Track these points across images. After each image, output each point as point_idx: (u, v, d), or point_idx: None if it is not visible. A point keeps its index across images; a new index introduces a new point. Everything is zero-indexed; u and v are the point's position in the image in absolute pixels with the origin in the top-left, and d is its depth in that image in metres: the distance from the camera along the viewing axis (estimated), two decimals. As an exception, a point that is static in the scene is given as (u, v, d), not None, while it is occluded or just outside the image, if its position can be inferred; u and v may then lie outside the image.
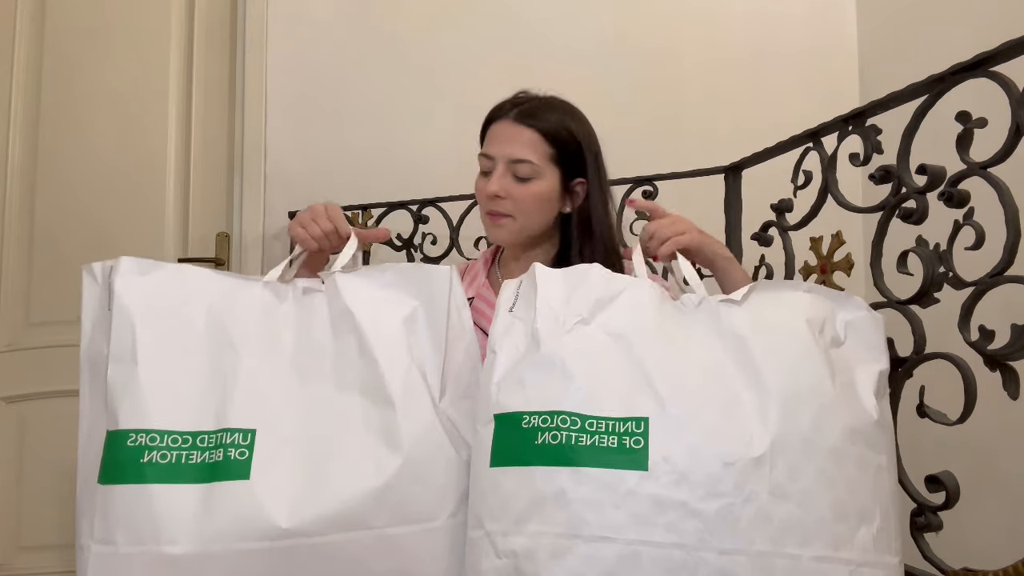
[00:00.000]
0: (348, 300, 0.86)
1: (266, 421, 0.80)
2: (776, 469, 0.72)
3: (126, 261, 0.85)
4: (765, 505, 0.71)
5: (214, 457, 0.78)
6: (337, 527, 0.77)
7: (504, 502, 0.75)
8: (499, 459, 0.77)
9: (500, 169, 1.09)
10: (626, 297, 0.84)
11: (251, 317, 0.86)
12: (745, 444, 0.73)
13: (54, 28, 2.12)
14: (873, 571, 0.74)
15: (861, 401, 0.80)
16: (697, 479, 0.71)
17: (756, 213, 1.48)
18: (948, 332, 0.97)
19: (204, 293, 0.86)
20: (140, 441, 0.77)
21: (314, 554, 0.76)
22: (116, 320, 0.82)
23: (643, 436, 0.74)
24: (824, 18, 2.30)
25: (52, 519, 1.94)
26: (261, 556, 0.75)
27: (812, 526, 0.72)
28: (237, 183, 2.09)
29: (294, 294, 0.90)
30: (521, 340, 0.82)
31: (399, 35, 2.17)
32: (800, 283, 0.91)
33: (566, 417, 0.75)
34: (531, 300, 0.84)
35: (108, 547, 0.74)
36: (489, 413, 0.80)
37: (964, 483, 0.98)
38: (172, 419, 0.79)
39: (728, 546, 0.70)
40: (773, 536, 0.71)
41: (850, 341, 0.85)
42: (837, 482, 0.74)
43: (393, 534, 0.78)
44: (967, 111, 0.97)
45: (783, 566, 0.70)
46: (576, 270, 0.87)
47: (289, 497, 0.76)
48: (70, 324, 2.03)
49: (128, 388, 0.79)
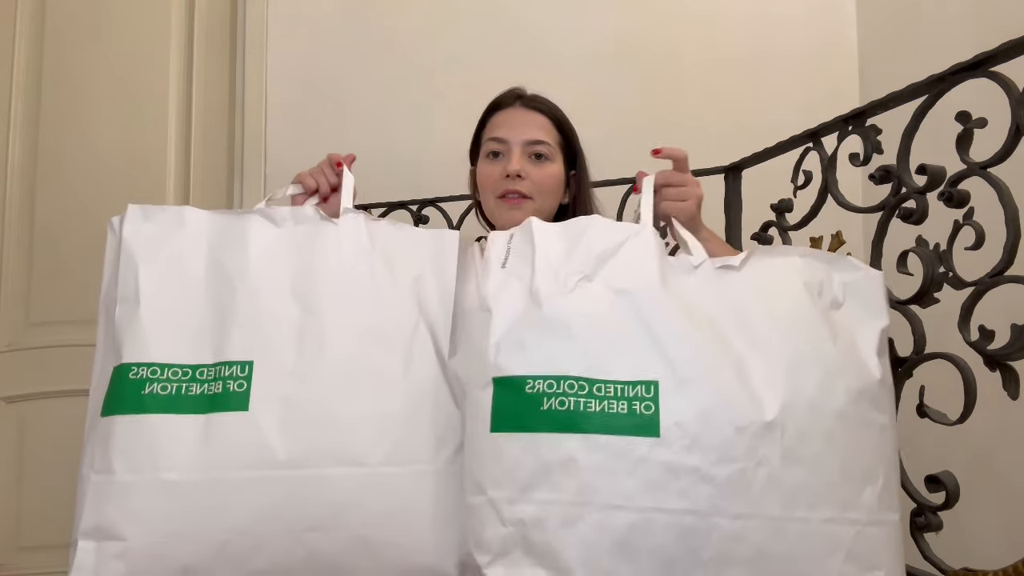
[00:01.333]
0: (366, 241, 0.89)
1: (265, 353, 0.82)
2: (787, 434, 0.72)
3: (133, 209, 0.88)
4: (777, 470, 0.71)
5: (213, 389, 0.80)
6: (333, 461, 0.78)
7: (508, 469, 0.73)
8: (501, 424, 0.75)
9: (517, 151, 1.09)
10: (629, 248, 0.82)
11: (248, 248, 0.87)
12: (757, 408, 0.72)
13: (54, 28, 2.12)
14: (879, 529, 0.74)
15: (864, 361, 0.80)
16: (710, 444, 0.70)
17: (756, 213, 1.48)
18: (948, 332, 0.97)
19: (203, 231, 0.88)
20: (141, 374, 0.79)
21: (309, 486, 0.77)
22: (123, 264, 0.85)
23: (653, 401, 0.72)
24: (824, 19, 2.30)
25: (52, 519, 1.94)
26: (258, 485, 0.76)
27: (821, 489, 0.72)
28: (237, 183, 2.09)
29: (293, 217, 0.91)
30: (519, 299, 0.80)
31: (399, 35, 2.17)
32: (794, 247, 0.90)
33: (573, 382, 0.74)
34: (527, 256, 0.82)
35: (106, 476, 0.76)
36: (487, 375, 0.77)
37: (964, 483, 0.98)
38: (172, 352, 0.81)
39: (741, 511, 0.70)
40: (784, 500, 0.70)
41: (849, 302, 0.85)
42: (844, 444, 0.74)
43: (387, 473, 0.79)
44: (967, 111, 0.97)
45: (794, 529, 0.70)
46: (575, 223, 0.85)
47: (287, 429, 0.78)
48: (70, 324, 2.03)
49: (131, 325, 0.82)
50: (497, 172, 1.10)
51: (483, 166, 1.13)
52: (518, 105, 1.13)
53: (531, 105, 1.13)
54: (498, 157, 1.11)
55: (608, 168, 1.46)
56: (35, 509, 1.99)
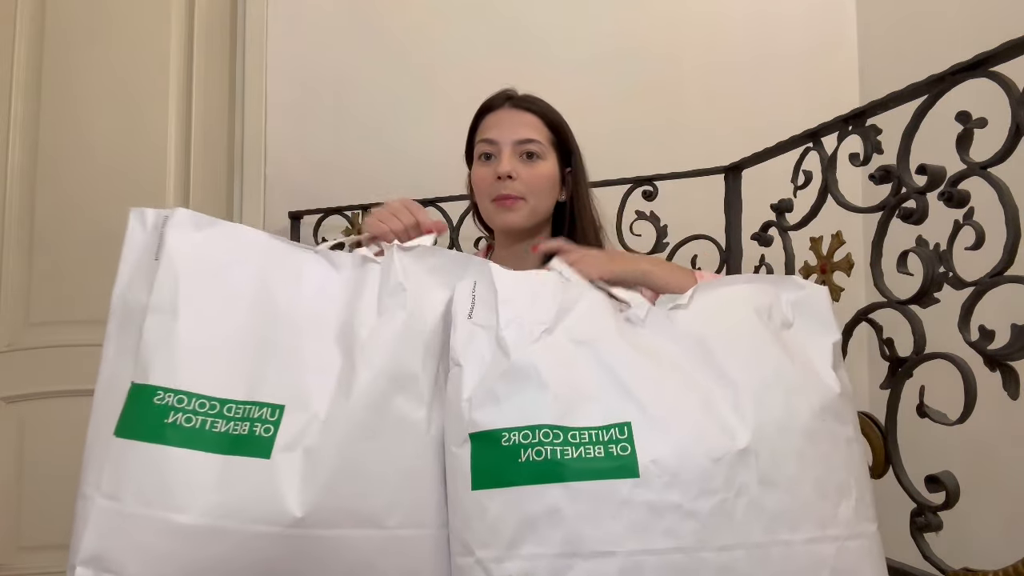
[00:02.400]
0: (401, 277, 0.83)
1: (298, 398, 0.77)
2: (761, 459, 0.72)
3: (183, 213, 0.82)
4: (756, 496, 0.71)
5: (239, 429, 0.74)
6: (351, 522, 0.74)
7: (492, 526, 0.72)
8: (481, 481, 0.73)
9: (507, 151, 1.09)
10: (584, 305, 0.83)
11: (302, 288, 0.83)
12: (729, 438, 0.73)
13: (54, 28, 2.12)
14: (858, 542, 0.75)
15: (821, 377, 0.80)
16: (688, 479, 0.71)
17: (756, 213, 1.48)
18: (948, 332, 0.97)
19: (256, 257, 0.82)
20: (167, 400, 0.74)
21: (323, 547, 0.74)
22: (162, 271, 0.78)
23: (628, 442, 0.72)
24: (824, 19, 2.30)
25: (52, 519, 1.94)
26: (269, 540, 0.72)
27: (800, 510, 0.72)
28: (237, 183, 2.09)
29: (353, 263, 0.86)
30: (486, 349, 0.79)
31: (399, 35, 2.17)
32: (739, 276, 0.93)
33: (548, 431, 0.73)
34: (491, 304, 0.81)
35: (114, 503, 0.72)
36: (463, 432, 0.76)
37: (964, 483, 0.98)
38: (203, 382, 0.75)
39: (726, 542, 0.70)
40: (766, 525, 0.71)
41: (799, 321, 0.85)
42: (816, 461, 0.75)
43: (404, 536, 0.76)
44: (967, 111, 0.97)
45: (778, 553, 0.71)
46: (533, 274, 0.86)
47: (306, 484, 0.73)
48: (70, 324, 2.03)
49: (164, 343, 0.76)
50: (489, 174, 1.10)
51: (476, 169, 1.13)
52: (507, 106, 1.13)
53: (520, 105, 1.12)
54: (490, 159, 1.11)
55: (608, 168, 1.46)
56: (35, 509, 1.99)
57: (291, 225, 2.06)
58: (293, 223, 2.06)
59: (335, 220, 2.01)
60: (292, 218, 2.05)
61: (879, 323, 1.13)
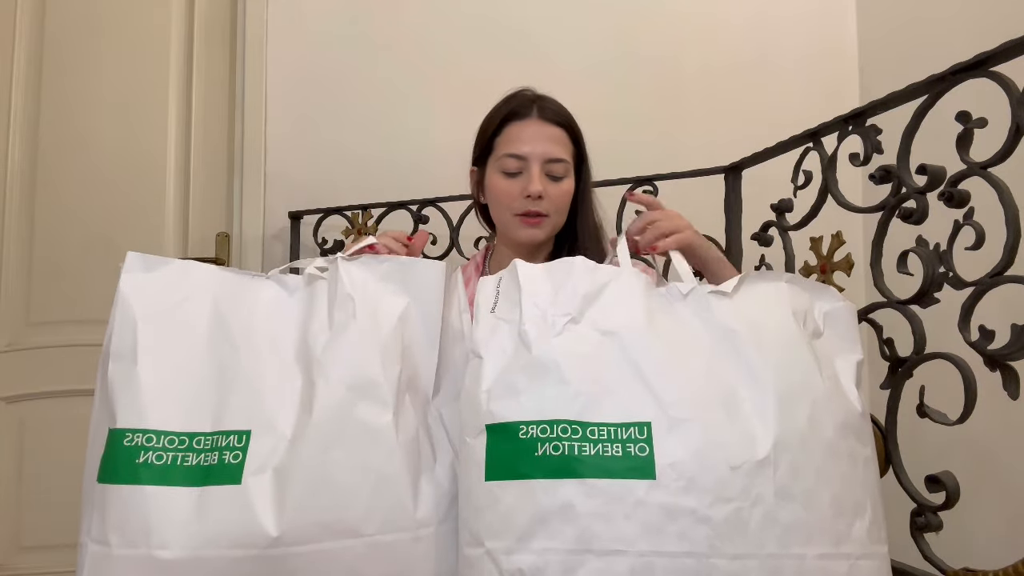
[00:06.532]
0: (348, 288, 0.85)
1: (262, 422, 0.79)
2: (780, 470, 0.71)
3: (132, 257, 0.85)
4: (772, 507, 0.70)
5: (209, 460, 0.77)
6: (327, 535, 0.75)
7: (504, 518, 0.72)
8: (495, 472, 0.73)
9: (536, 169, 1.08)
10: (613, 289, 0.81)
11: (256, 313, 0.85)
12: (749, 446, 0.72)
13: (54, 28, 2.12)
14: (870, 563, 0.74)
15: (846, 394, 0.80)
16: (705, 485, 0.70)
17: (756, 213, 1.48)
18: (948, 332, 0.97)
19: (209, 290, 0.85)
20: (136, 441, 0.76)
21: (303, 562, 0.75)
22: (119, 316, 0.81)
23: (647, 443, 0.72)
24: (824, 19, 2.30)
25: (52, 519, 1.94)
26: (250, 563, 0.74)
27: (815, 525, 0.71)
28: (237, 183, 2.09)
29: (304, 283, 0.88)
30: (508, 343, 0.79)
31: (399, 35, 2.17)
32: (780, 272, 0.90)
33: (566, 426, 0.73)
34: (515, 299, 0.81)
35: (103, 547, 0.74)
36: (480, 423, 0.76)
37: (964, 483, 0.98)
38: (169, 419, 0.78)
39: (739, 551, 0.69)
40: (780, 537, 0.70)
41: (828, 332, 0.85)
42: (834, 478, 0.74)
43: (385, 541, 0.77)
44: (967, 111, 0.97)
45: (790, 566, 0.70)
46: (559, 264, 0.85)
47: (279, 503, 0.75)
48: (70, 324, 2.03)
49: (126, 386, 0.79)
50: (516, 190, 1.09)
51: (500, 181, 1.11)
52: (535, 116, 1.11)
53: (548, 117, 1.11)
54: (517, 175, 1.10)
55: (609, 168, 1.46)
56: (35, 509, 1.98)
57: (291, 225, 2.06)
58: (293, 223, 2.05)
59: (335, 220, 2.01)
60: (292, 218, 2.05)
61: (879, 323, 1.13)
